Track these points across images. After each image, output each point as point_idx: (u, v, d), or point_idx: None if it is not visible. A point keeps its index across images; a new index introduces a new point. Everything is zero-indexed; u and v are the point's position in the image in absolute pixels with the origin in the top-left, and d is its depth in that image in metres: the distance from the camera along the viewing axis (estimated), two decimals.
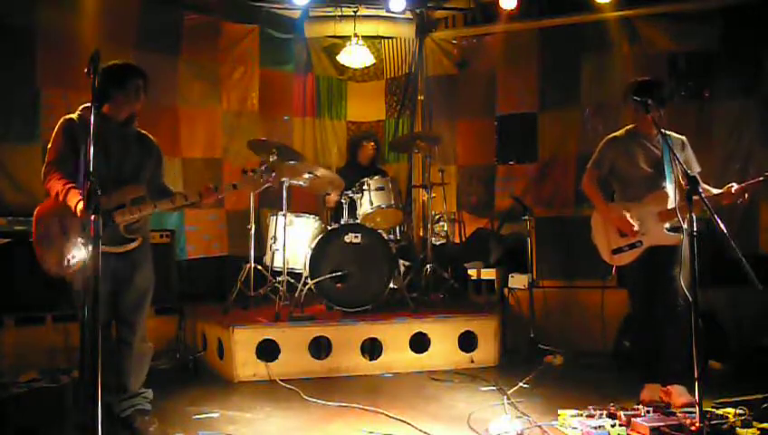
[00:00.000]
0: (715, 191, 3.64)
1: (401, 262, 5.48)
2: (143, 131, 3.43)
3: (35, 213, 3.13)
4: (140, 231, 3.27)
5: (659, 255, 3.67)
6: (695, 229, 2.93)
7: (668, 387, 3.62)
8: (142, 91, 3.29)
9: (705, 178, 3.89)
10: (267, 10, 6.55)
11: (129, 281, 3.27)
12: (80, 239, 3.00)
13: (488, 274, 5.90)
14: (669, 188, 3.70)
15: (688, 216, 2.95)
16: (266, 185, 3.59)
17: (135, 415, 3.26)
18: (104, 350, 3.07)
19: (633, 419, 3.22)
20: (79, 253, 3.00)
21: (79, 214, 2.90)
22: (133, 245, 3.21)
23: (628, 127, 3.93)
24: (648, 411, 3.31)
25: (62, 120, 3.19)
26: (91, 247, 2.28)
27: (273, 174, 3.57)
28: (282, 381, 4.26)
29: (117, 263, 3.19)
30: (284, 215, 5.05)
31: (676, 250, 3.62)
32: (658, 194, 3.73)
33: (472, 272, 5.98)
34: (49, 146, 3.18)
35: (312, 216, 5.49)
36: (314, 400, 3.87)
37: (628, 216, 3.72)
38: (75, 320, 4.23)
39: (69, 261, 3.04)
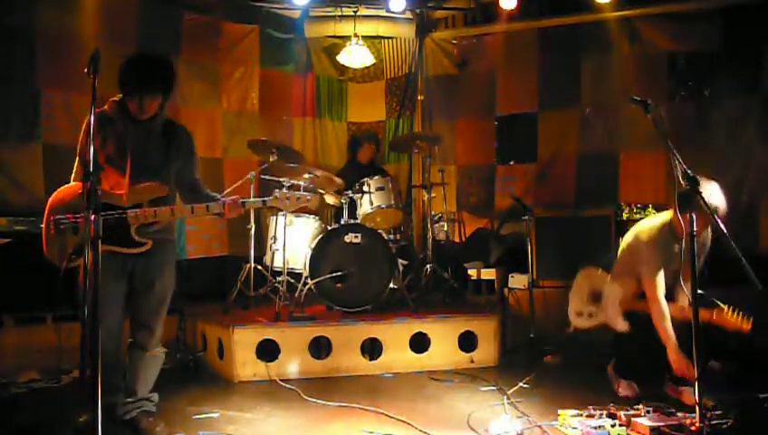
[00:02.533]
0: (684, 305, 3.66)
1: (400, 262, 5.48)
2: (175, 123, 3.26)
3: (51, 199, 3.05)
4: (159, 233, 3.13)
5: None
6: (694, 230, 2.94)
7: (681, 388, 3.66)
8: (157, 102, 3.08)
9: (706, 178, 3.89)
10: (267, 10, 6.56)
11: (152, 285, 3.16)
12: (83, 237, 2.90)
13: (488, 274, 5.90)
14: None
15: (688, 216, 2.96)
16: (301, 205, 3.31)
17: (140, 417, 3.22)
18: (115, 351, 3.07)
19: (633, 419, 3.22)
20: (81, 251, 2.84)
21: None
22: (141, 249, 3.07)
23: (663, 223, 3.72)
24: (648, 411, 3.31)
25: (85, 121, 2.97)
26: (91, 246, 2.26)
27: (309, 196, 3.33)
28: (282, 381, 4.26)
29: (139, 264, 3.10)
30: (284, 215, 5.05)
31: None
32: (630, 281, 3.77)
33: (472, 272, 5.98)
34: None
35: (311, 216, 5.49)
36: (314, 400, 3.87)
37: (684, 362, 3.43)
38: (75, 320, 4.23)
39: (70, 257, 2.95)
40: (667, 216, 3.76)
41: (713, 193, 3.38)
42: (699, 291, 2.86)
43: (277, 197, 3.27)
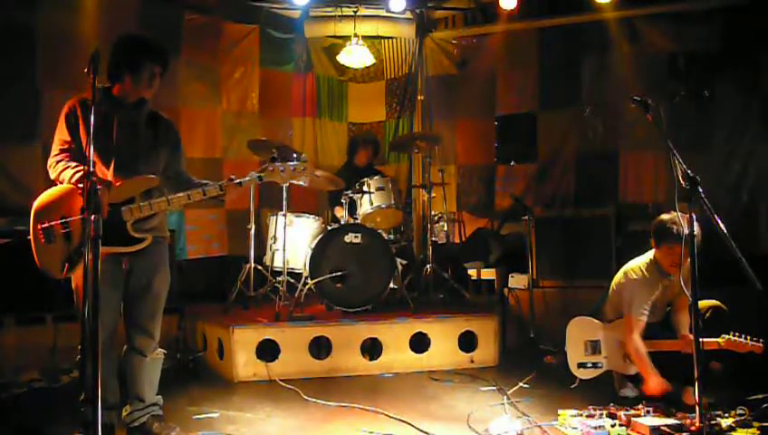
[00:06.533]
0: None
1: (400, 262, 5.48)
2: (158, 112, 3.15)
3: (36, 206, 2.87)
4: (154, 231, 3.04)
5: None
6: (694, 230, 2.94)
7: (688, 387, 3.63)
8: (158, 78, 3.02)
9: (706, 178, 3.88)
10: (267, 10, 6.56)
11: (149, 285, 3.07)
12: (81, 239, 2.73)
13: (488, 274, 5.91)
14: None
15: (688, 216, 2.96)
16: (298, 179, 3.27)
17: (152, 421, 3.14)
18: (111, 360, 3.01)
19: (633, 419, 3.22)
20: (80, 255, 2.75)
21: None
22: (141, 245, 2.97)
23: (648, 261, 3.77)
24: (648, 411, 3.31)
25: (65, 106, 2.98)
26: (91, 248, 2.23)
27: (305, 166, 3.24)
28: (282, 381, 4.26)
29: (136, 264, 3.01)
30: (284, 215, 5.05)
31: None
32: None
33: (472, 272, 5.97)
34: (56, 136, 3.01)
35: (312, 216, 5.49)
36: (314, 400, 3.87)
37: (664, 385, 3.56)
38: (75, 320, 4.23)
39: (68, 265, 2.84)
40: (651, 254, 3.77)
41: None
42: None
43: (271, 170, 3.18)
